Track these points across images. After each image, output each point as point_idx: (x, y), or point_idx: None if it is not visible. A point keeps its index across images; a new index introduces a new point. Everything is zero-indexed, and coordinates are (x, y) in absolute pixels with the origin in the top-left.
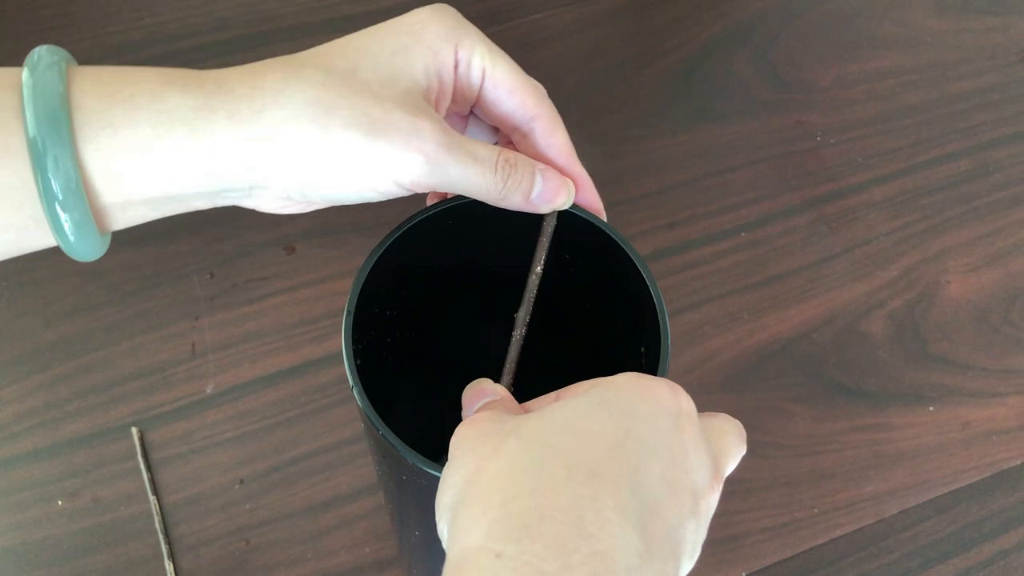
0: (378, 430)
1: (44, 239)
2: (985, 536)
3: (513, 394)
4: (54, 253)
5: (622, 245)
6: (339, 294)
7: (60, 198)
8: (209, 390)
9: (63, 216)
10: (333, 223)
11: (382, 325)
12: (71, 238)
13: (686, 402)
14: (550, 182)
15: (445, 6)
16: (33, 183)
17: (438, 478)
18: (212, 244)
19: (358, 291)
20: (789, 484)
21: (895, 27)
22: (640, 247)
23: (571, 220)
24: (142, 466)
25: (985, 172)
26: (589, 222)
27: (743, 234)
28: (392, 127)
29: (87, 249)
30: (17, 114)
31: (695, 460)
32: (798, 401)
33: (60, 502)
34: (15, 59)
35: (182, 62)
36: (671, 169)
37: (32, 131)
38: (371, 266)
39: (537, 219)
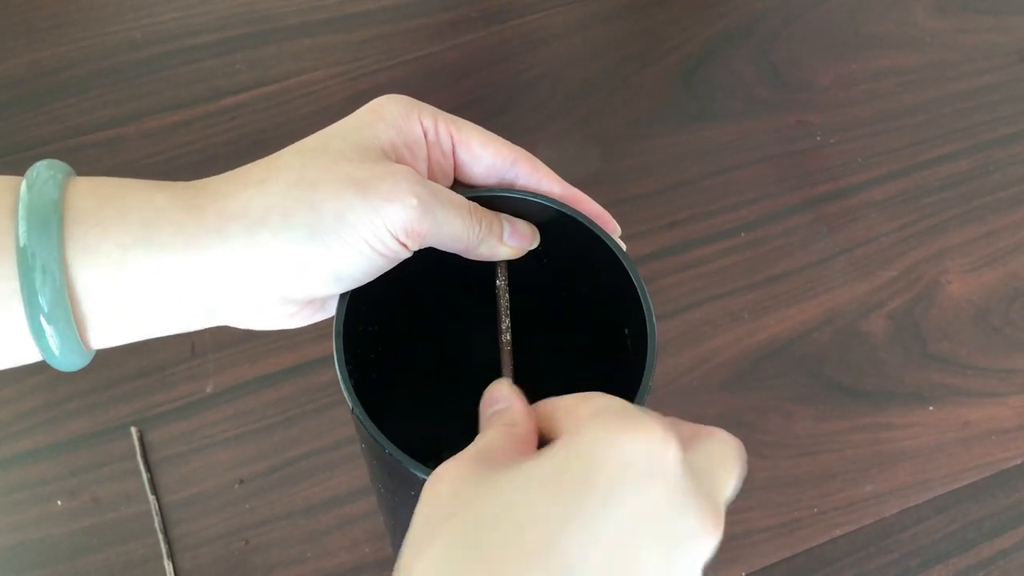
0: (385, 449)
1: (26, 352)
2: (985, 536)
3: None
4: None
5: (592, 229)
6: None
7: (46, 310)
8: (209, 390)
9: (48, 329)
10: None
11: (367, 341)
12: (55, 350)
13: (668, 450)
14: (516, 223)
15: (399, 95)
16: (19, 293)
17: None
18: None
19: (344, 309)
20: (789, 484)
21: (895, 27)
22: (640, 247)
23: (541, 210)
24: (141, 466)
25: (985, 172)
26: (562, 212)
27: (743, 234)
28: (379, 180)
29: (70, 360)
30: (11, 214)
31: (672, 520)
32: (798, 401)
33: (59, 502)
34: (15, 58)
35: (182, 61)
36: (671, 169)
37: (23, 240)
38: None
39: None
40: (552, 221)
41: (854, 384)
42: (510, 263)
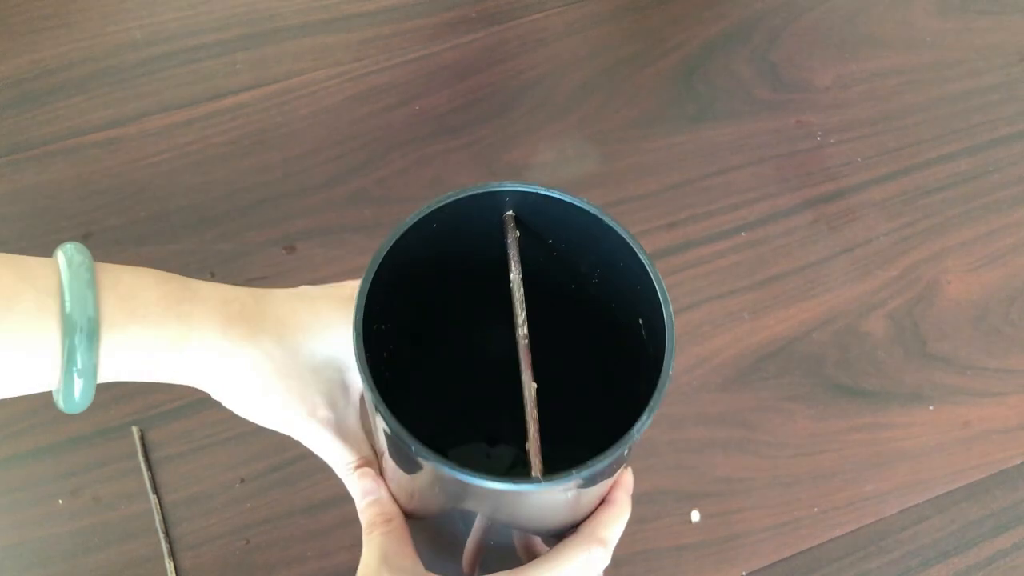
0: (410, 447)
1: (36, 386)
2: (985, 535)
3: (537, 390)
4: None
5: (604, 220)
6: None
7: (79, 366)
8: None
9: (78, 382)
10: (333, 223)
11: (380, 339)
12: (78, 397)
13: None
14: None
15: None
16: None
17: (481, 487)
18: (212, 243)
19: (362, 309)
20: (789, 484)
21: (895, 27)
22: None
23: (550, 202)
24: (143, 465)
25: (985, 172)
26: (572, 203)
27: (743, 234)
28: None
29: (84, 405)
30: (56, 296)
31: None
32: (798, 401)
33: (61, 501)
34: (15, 57)
35: (182, 62)
36: (671, 169)
37: (68, 307)
38: (370, 280)
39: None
40: (563, 213)
41: (854, 384)
42: (523, 256)
